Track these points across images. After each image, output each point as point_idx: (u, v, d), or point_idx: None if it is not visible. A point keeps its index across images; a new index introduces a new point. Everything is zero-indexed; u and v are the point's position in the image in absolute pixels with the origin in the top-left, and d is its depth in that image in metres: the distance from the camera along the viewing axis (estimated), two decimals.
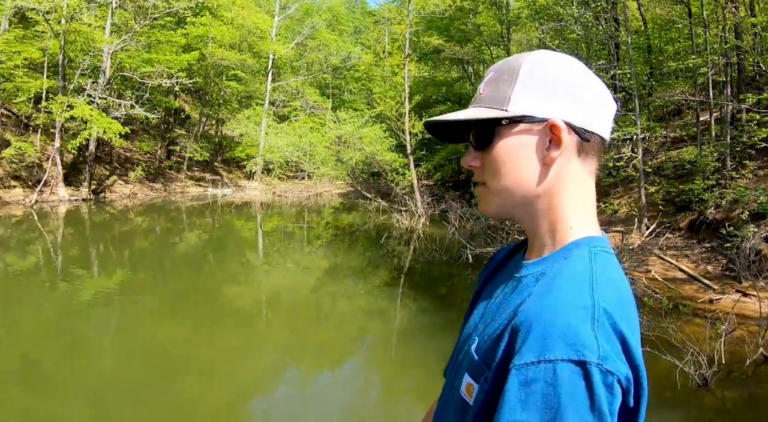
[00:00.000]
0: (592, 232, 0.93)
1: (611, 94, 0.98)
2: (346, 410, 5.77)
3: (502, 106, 0.92)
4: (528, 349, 0.75)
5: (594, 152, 0.94)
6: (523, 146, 0.91)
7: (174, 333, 7.53)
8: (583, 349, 0.72)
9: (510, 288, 0.94)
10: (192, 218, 20.28)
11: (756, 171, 12.47)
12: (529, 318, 0.78)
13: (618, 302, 0.80)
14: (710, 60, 13.87)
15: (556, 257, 0.90)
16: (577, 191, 0.93)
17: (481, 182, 0.98)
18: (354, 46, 34.19)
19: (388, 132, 23.96)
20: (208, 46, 26.78)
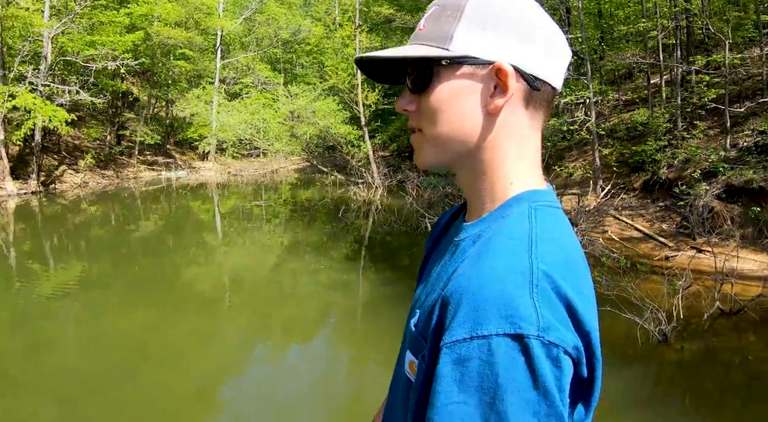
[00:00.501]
0: (535, 185, 0.84)
1: (565, 39, 0.87)
2: (317, 384, 5.77)
3: (443, 44, 0.81)
4: (459, 324, 0.67)
5: (543, 103, 0.84)
6: (465, 90, 0.81)
7: (137, 321, 7.35)
8: (519, 321, 0.64)
9: (449, 254, 0.85)
10: (147, 203, 19.80)
11: (706, 131, 12.71)
12: (459, 288, 0.70)
13: (562, 262, 0.72)
14: (660, 23, 14.01)
15: (494, 216, 0.81)
16: (520, 146, 0.83)
17: (417, 128, 0.87)
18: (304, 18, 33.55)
19: (342, 105, 23.74)
20: (153, 25, 25.92)
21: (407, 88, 0.86)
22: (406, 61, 0.85)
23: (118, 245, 12.72)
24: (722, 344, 6.24)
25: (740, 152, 11.01)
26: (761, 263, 8.26)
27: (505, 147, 0.82)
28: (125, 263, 11.01)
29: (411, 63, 0.84)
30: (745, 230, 9.14)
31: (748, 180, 9.89)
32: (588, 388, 0.71)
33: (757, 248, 8.68)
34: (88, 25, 23.04)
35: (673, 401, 5.13)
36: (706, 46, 16.16)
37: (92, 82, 22.58)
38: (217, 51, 29.74)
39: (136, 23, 24.96)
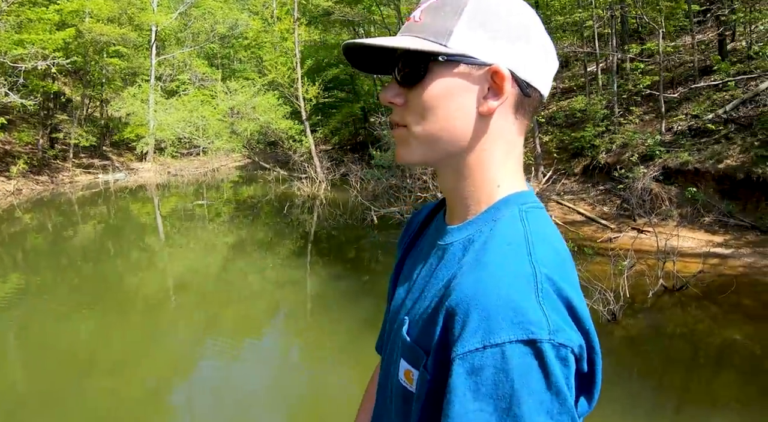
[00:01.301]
0: (520, 187, 0.84)
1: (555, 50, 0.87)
2: (271, 383, 5.70)
3: (441, 40, 0.78)
4: (470, 334, 0.66)
5: (530, 109, 0.83)
6: (459, 90, 0.79)
7: (81, 331, 7.11)
8: (530, 326, 0.64)
9: (435, 259, 0.85)
10: (85, 208, 19.08)
11: (642, 116, 13.07)
12: (466, 297, 0.69)
13: (558, 262, 0.73)
14: (595, 13, 14.33)
15: (484, 219, 0.81)
16: (507, 150, 0.83)
17: (401, 123, 0.84)
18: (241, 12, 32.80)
19: (282, 99, 23.43)
20: (84, 22, 24.97)
21: (395, 81, 0.84)
22: (397, 52, 0.83)
23: (57, 254, 12.22)
24: (667, 319, 6.42)
25: (675, 136, 11.36)
26: (699, 241, 8.54)
27: (493, 150, 0.82)
28: (65, 272, 10.58)
29: (403, 55, 0.82)
30: (683, 210, 9.44)
31: (683, 162, 10.21)
32: (590, 382, 0.72)
33: (695, 226, 8.97)
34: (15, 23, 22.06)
35: (622, 377, 5.24)
36: (640, 34, 16.63)
37: (22, 84, 21.60)
38: (152, 47, 28.95)
39: (66, 20, 23.99)
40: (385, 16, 24.01)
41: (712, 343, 5.90)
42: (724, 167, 9.55)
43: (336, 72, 25.74)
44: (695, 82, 12.82)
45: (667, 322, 6.36)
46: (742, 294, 6.70)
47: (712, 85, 12.18)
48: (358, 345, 6.26)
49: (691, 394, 5.04)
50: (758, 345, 5.65)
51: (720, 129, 10.53)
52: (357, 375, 5.63)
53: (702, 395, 4.97)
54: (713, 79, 12.34)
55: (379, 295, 7.88)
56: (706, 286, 6.80)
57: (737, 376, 5.21)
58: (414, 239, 1.01)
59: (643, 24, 16.04)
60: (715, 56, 12.81)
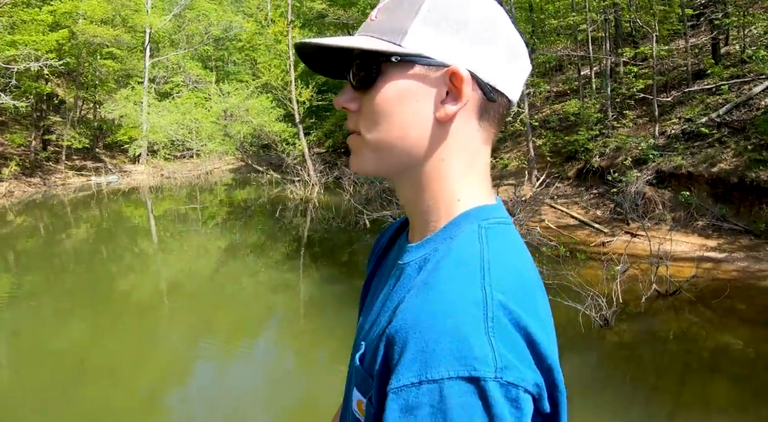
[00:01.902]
0: (484, 201, 0.76)
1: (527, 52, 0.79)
2: (264, 387, 5.69)
3: (395, 39, 0.72)
4: (405, 367, 0.59)
5: (497, 116, 0.76)
6: (414, 93, 0.72)
7: (74, 334, 7.04)
8: (474, 362, 0.57)
9: (393, 280, 0.76)
10: (77, 211, 18.96)
11: (635, 120, 13.08)
12: (406, 324, 0.62)
13: (518, 288, 0.65)
14: (589, 17, 14.35)
15: (441, 237, 0.73)
16: (470, 160, 0.75)
17: (354, 130, 0.78)
18: (235, 14, 32.72)
19: (275, 102, 23.38)
20: (78, 23, 24.86)
21: (349, 84, 0.77)
22: (351, 53, 0.76)
23: (50, 257, 12.14)
24: (661, 324, 6.40)
25: (669, 140, 11.36)
26: (693, 245, 8.53)
27: (453, 160, 0.74)
28: (58, 275, 10.51)
29: (357, 56, 0.75)
30: (676, 214, 9.44)
31: (677, 166, 10.20)
32: None
33: (689, 230, 8.96)
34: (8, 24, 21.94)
35: (615, 383, 5.24)
36: (633, 38, 16.65)
37: (14, 85, 21.50)
38: (146, 49, 28.84)
39: (59, 21, 23.88)
40: None
41: (706, 348, 5.88)
42: (718, 171, 9.54)
43: None
44: (689, 86, 12.83)
45: (660, 327, 6.33)
46: (735, 299, 6.68)
47: (705, 88, 12.20)
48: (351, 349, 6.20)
49: (685, 399, 5.01)
50: (752, 349, 5.63)
51: (713, 133, 10.54)
52: None
53: (696, 400, 4.95)
54: (707, 82, 12.37)
55: None
56: (700, 290, 6.78)
57: (731, 381, 5.18)
58: (381, 258, 0.94)
59: (637, 28, 16.07)
60: (708, 60, 12.83)
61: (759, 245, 8.22)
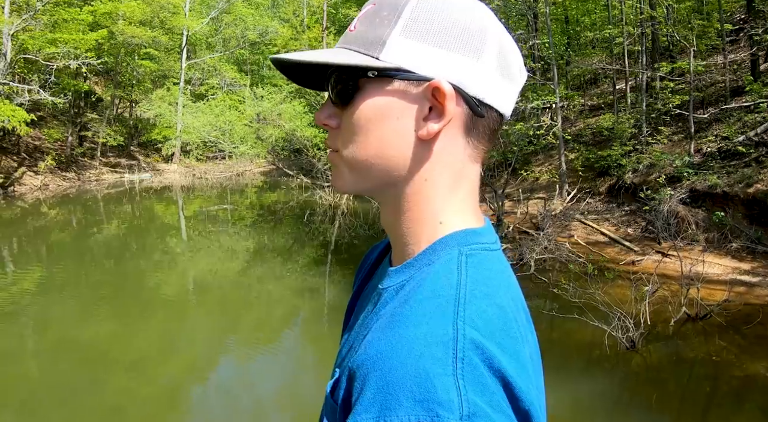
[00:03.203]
0: (468, 224, 0.70)
1: (522, 60, 0.73)
2: (285, 389, 5.70)
3: (372, 51, 0.66)
4: (364, 407, 0.54)
5: (487, 131, 0.70)
6: (393, 110, 0.67)
7: (101, 328, 7.14)
8: (437, 407, 0.51)
9: (372, 305, 0.71)
10: (110, 206, 19.33)
11: (670, 136, 12.86)
12: (368, 359, 0.57)
13: (497, 324, 0.59)
14: (626, 30, 14.18)
15: (420, 263, 0.67)
16: (454, 180, 0.69)
17: (333, 148, 0.73)
18: (271, 19, 33.10)
19: (308, 107, 23.55)
20: (117, 24, 25.37)
21: (329, 99, 0.72)
22: (328, 67, 0.70)
23: (80, 250, 12.38)
24: (689, 349, 6.25)
25: (704, 158, 11.15)
26: (725, 268, 8.33)
27: (436, 180, 0.69)
28: (88, 269, 10.71)
29: (334, 71, 0.69)
30: (710, 235, 9.23)
31: (712, 185, 10.00)
32: None
33: (722, 252, 8.76)
34: (49, 23, 22.46)
35: (639, 406, 5.14)
36: (670, 53, 16.41)
37: (53, 82, 22.01)
38: (183, 51, 29.31)
39: (99, 21, 24.40)
40: None
41: (735, 376, 5.72)
42: (754, 192, 9.33)
43: None
44: (726, 103, 12.59)
45: (688, 352, 6.19)
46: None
47: (743, 106, 11.95)
48: None
49: None
50: None
51: (750, 152, 10.31)
52: None
53: None
54: (745, 100, 12.11)
55: None
56: (731, 315, 6.61)
57: (759, 412, 5.04)
58: (366, 278, 0.88)
59: (674, 42, 15.83)
60: (747, 77, 12.57)
61: None
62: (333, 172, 0.75)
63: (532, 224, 11.42)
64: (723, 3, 14.25)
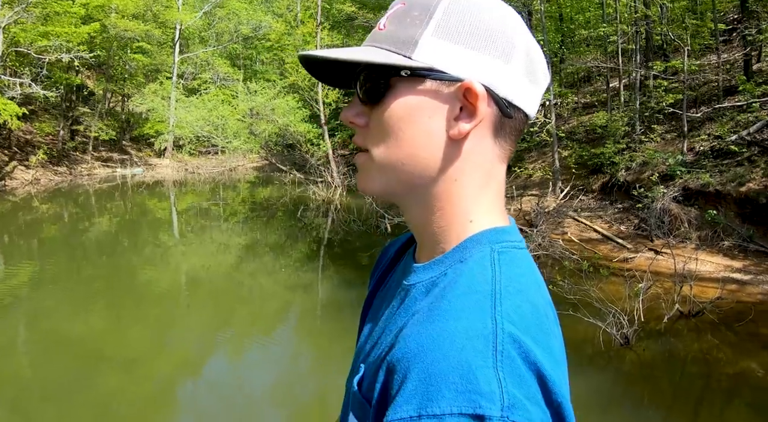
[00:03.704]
0: (497, 222, 0.72)
1: (546, 64, 0.75)
2: (278, 385, 5.72)
3: (404, 51, 0.67)
4: (405, 400, 0.55)
5: (514, 133, 0.72)
6: (425, 110, 0.68)
7: (93, 323, 7.13)
8: (479, 398, 0.52)
9: (397, 301, 0.72)
10: (102, 201, 19.23)
11: (663, 135, 12.92)
12: (408, 353, 0.58)
13: (531, 319, 0.61)
14: (620, 29, 14.22)
15: (450, 260, 0.69)
16: (484, 180, 0.71)
17: (362, 147, 0.73)
18: (265, 14, 32.87)
19: (302, 102, 23.49)
20: (110, 17, 25.21)
21: (357, 97, 0.72)
22: (357, 65, 0.70)
23: (72, 245, 12.32)
24: (682, 345, 6.31)
25: (697, 156, 11.21)
26: (718, 266, 8.39)
27: (466, 179, 0.70)
28: (79, 264, 10.66)
29: (364, 69, 0.70)
30: (702, 233, 9.30)
31: (704, 184, 10.06)
32: None
33: (714, 250, 8.82)
34: (41, 15, 22.27)
35: (631, 402, 5.19)
36: (664, 51, 16.47)
37: (45, 75, 21.85)
38: (176, 45, 29.17)
39: (92, 14, 24.23)
40: None
41: (726, 373, 5.78)
42: (746, 190, 9.39)
43: None
44: (719, 103, 12.66)
45: (681, 348, 6.25)
46: (760, 323, 6.55)
47: (736, 105, 12.01)
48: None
49: None
50: None
51: (743, 151, 10.37)
52: None
53: None
54: (737, 99, 12.18)
55: None
56: (723, 313, 6.66)
57: (750, 408, 5.09)
58: (384, 274, 0.89)
59: (668, 41, 15.89)
60: (740, 76, 12.63)
61: None
62: (360, 173, 0.74)
63: (526, 221, 11.45)
64: (717, 3, 14.33)
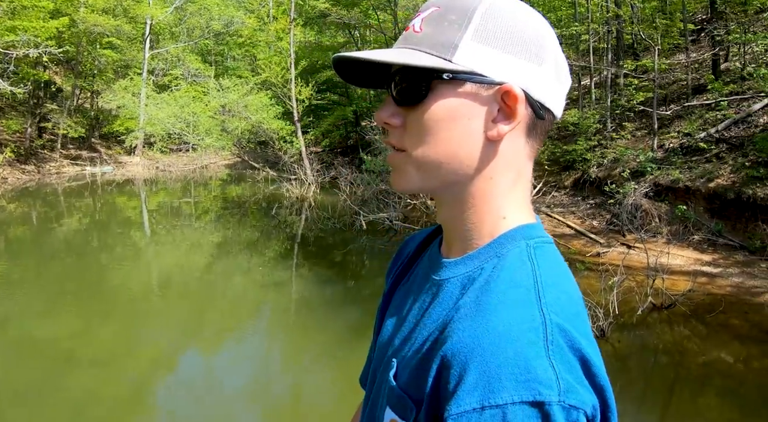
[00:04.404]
0: (527, 219, 0.75)
1: (568, 66, 0.79)
2: (253, 384, 5.66)
3: (445, 54, 0.69)
4: (467, 392, 0.58)
5: (543, 133, 0.75)
6: (465, 112, 0.70)
7: (63, 325, 6.97)
8: (539, 386, 0.56)
9: (428, 295, 0.75)
10: (71, 200, 18.86)
11: (634, 132, 13.13)
12: (464, 347, 0.61)
13: (570, 309, 0.65)
14: (592, 28, 14.40)
15: (486, 255, 0.72)
16: (515, 178, 0.74)
17: (399, 147, 0.75)
18: (237, 10, 32.50)
19: (275, 99, 23.32)
20: (79, 12, 24.74)
21: (391, 98, 0.74)
22: (392, 66, 0.73)
23: (41, 245, 12.07)
24: (655, 336, 6.43)
25: (667, 153, 11.40)
26: (688, 259, 8.55)
27: (500, 178, 0.73)
28: (48, 264, 10.43)
29: (401, 70, 0.72)
30: (673, 228, 9.47)
31: (674, 179, 10.24)
32: None
33: (684, 244, 8.99)
34: (8, 9, 21.79)
35: None
36: (635, 50, 16.73)
37: (12, 71, 21.38)
38: (146, 41, 28.75)
39: (60, 9, 23.74)
40: (381, 20, 24.04)
41: (698, 362, 5.89)
42: (715, 186, 9.58)
43: (330, 74, 25.66)
44: (688, 101, 12.89)
45: (654, 339, 6.36)
46: (729, 314, 6.71)
47: (704, 104, 12.25)
48: (341, 349, 6.24)
49: (673, 412, 5.03)
50: (743, 365, 5.66)
51: (711, 148, 10.58)
52: (339, 379, 5.61)
53: (684, 413, 4.96)
54: (706, 98, 12.42)
55: (365, 302, 7.85)
56: (695, 305, 6.80)
57: (721, 396, 5.20)
58: (405, 268, 0.92)
59: (639, 40, 16.15)
60: (708, 75, 12.89)
61: (753, 262, 8.25)
62: (396, 173, 0.76)
63: None
64: (686, 3, 14.58)
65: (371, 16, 23.67)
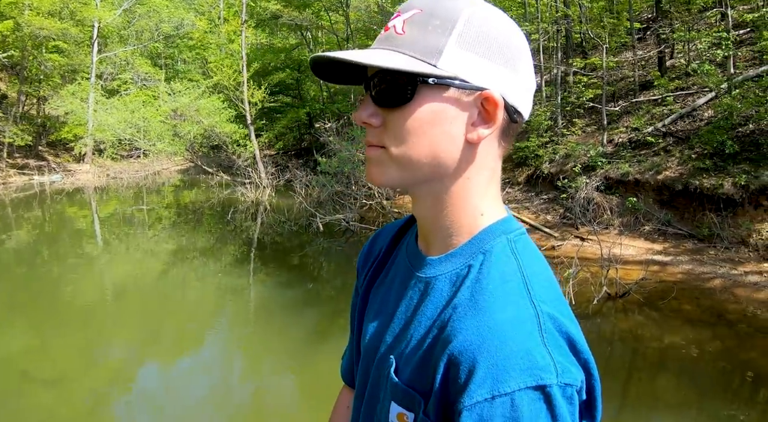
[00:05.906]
0: (501, 213, 0.80)
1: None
2: (213, 393, 5.54)
3: (430, 59, 0.71)
4: (478, 385, 0.64)
5: (514, 134, 0.80)
6: (447, 116, 0.73)
7: (14, 342, 6.72)
8: (540, 372, 0.63)
9: (415, 292, 0.80)
10: (18, 211, 18.23)
11: (584, 128, 13.39)
12: (471, 345, 0.67)
13: (552, 293, 0.72)
14: (541, 27, 14.63)
15: (470, 252, 0.76)
16: (491, 176, 0.79)
17: (378, 145, 0.77)
18: (187, 12, 31.95)
19: (227, 102, 23.03)
20: (24, 14, 23.98)
21: (370, 99, 0.76)
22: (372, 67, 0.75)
23: None
24: (611, 325, 6.58)
25: (616, 148, 11.67)
26: (640, 249, 8.77)
27: (477, 178, 0.77)
28: None
29: (382, 71, 0.73)
30: (624, 219, 9.69)
31: (624, 173, 10.48)
32: (589, 406, 0.71)
33: (636, 235, 9.22)
34: None
35: None
36: (583, 49, 17.07)
37: None
38: (94, 44, 28.04)
39: (4, 12, 23.00)
40: (334, 21, 23.99)
41: (653, 347, 6.05)
42: (663, 178, 9.84)
43: (282, 76, 25.53)
44: (636, 97, 13.22)
45: (611, 328, 6.50)
46: (681, 300, 6.91)
47: (651, 99, 12.58)
48: (303, 353, 6.18)
49: (633, 396, 5.14)
50: (697, 348, 5.82)
51: (659, 142, 10.87)
52: (302, 384, 5.57)
53: (642, 398, 5.07)
54: (653, 94, 12.76)
55: (325, 303, 7.81)
56: (648, 292, 6.99)
57: (677, 379, 5.34)
58: (381, 264, 0.94)
59: (587, 39, 16.49)
60: (654, 72, 13.25)
61: (702, 249, 8.51)
62: (373, 167, 0.78)
63: None
64: (632, 2, 14.96)
65: (323, 17, 23.60)
